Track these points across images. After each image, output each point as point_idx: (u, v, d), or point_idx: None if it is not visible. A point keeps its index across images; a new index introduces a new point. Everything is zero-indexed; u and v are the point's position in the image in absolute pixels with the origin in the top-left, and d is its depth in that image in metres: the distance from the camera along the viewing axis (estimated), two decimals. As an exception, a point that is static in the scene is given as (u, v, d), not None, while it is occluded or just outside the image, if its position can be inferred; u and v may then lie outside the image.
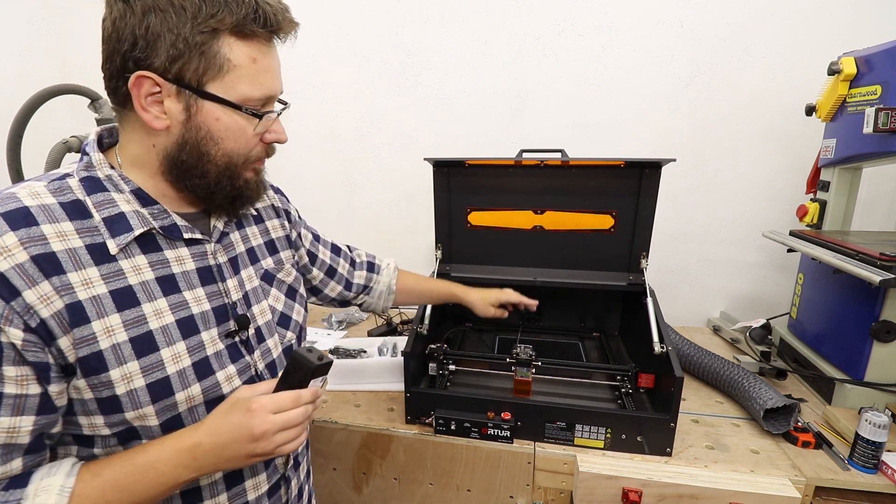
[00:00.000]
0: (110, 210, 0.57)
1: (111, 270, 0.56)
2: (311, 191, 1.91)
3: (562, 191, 1.34)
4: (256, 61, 0.58)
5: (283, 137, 0.65)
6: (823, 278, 1.27)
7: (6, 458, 0.52)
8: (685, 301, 1.73)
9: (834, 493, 0.95)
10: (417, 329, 1.16)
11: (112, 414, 0.57)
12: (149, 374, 0.57)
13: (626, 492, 0.94)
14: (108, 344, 0.55)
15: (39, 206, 0.53)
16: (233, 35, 0.56)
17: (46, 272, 0.51)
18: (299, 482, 0.80)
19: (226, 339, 0.65)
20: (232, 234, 0.72)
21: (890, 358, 1.08)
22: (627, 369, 1.20)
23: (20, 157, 1.29)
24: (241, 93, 0.58)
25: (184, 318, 0.61)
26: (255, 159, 0.65)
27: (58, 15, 1.91)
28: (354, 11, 1.71)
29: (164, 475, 0.55)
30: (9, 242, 0.50)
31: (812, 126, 1.39)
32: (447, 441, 1.07)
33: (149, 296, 0.58)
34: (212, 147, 0.60)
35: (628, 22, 1.56)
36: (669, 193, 1.52)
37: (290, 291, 0.80)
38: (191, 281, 0.63)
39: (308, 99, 1.82)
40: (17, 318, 0.49)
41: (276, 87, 0.62)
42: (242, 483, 0.68)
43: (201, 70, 0.56)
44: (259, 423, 0.55)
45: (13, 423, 0.51)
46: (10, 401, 0.51)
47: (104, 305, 0.55)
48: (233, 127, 0.59)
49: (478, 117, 1.72)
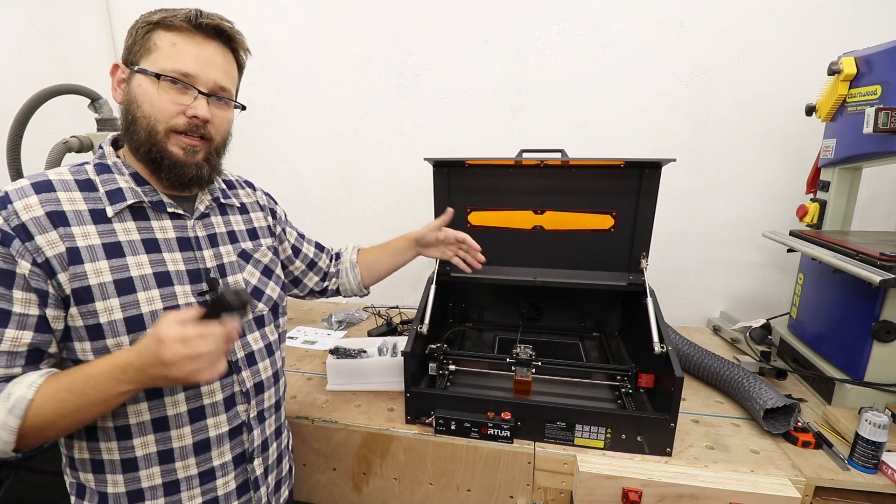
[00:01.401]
0: (111, 186, 0.75)
1: (106, 229, 0.73)
2: (311, 191, 1.91)
3: (562, 191, 1.34)
4: (175, 45, 0.74)
5: (199, 112, 0.75)
6: (823, 278, 1.27)
7: (10, 363, 0.68)
8: (685, 301, 1.73)
9: (834, 493, 0.95)
10: (417, 329, 1.16)
11: (96, 340, 0.71)
12: (126, 310, 0.72)
13: (626, 492, 0.94)
14: (96, 282, 0.70)
15: (59, 180, 0.73)
16: (162, 28, 0.74)
17: (55, 224, 0.69)
18: (264, 435, 0.89)
19: (198, 297, 0.79)
20: (214, 217, 0.87)
21: (890, 358, 1.08)
22: (627, 369, 1.20)
23: (20, 157, 1.29)
24: (160, 66, 0.73)
25: (160, 272, 0.76)
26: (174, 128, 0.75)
27: (58, 15, 1.91)
28: (354, 11, 1.71)
29: (102, 385, 0.66)
30: (32, 202, 0.69)
31: (812, 126, 1.39)
32: (447, 441, 1.07)
33: (133, 251, 0.74)
34: (136, 110, 0.74)
35: (628, 22, 1.56)
36: (669, 193, 1.52)
37: (266, 270, 0.94)
38: (171, 246, 0.78)
39: (308, 99, 1.82)
40: (28, 255, 0.67)
41: (191, 68, 0.75)
42: (204, 420, 0.80)
43: (139, 53, 0.74)
44: (167, 352, 0.63)
45: (16, 335, 0.68)
46: (16, 317, 0.67)
47: (96, 253, 0.71)
48: (150, 92, 0.74)
49: (478, 117, 1.72)
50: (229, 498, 0.84)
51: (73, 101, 1.41)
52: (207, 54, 0.76)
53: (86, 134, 1.36)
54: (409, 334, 1.16)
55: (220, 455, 0.82)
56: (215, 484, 0.82)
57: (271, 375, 0.91)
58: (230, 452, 0.83)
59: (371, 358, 1.31)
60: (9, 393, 0.66)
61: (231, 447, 0.84)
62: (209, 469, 0.81)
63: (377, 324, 1.68)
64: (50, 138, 1.31)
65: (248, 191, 0.99)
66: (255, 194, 1.00)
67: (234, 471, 0.84)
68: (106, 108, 1.41)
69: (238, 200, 0.94)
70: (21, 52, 1.89)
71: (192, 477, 0.79)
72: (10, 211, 0.67)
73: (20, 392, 0.65)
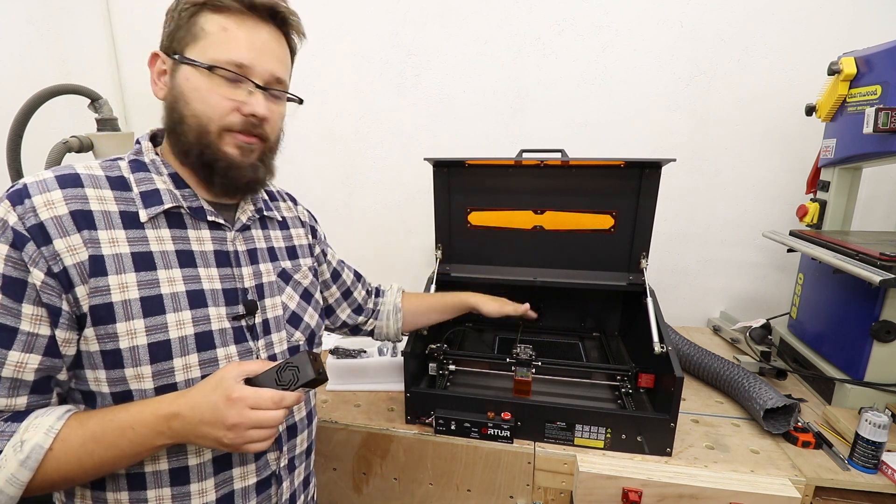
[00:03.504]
0: (147, 186, 0.66)
1: (137, 235, 0.62)
2: (311, 191, 1.90)
3: (562, 191, 1.34)
4: (227, 30, 0.64)
5: (258, 110, 0.66)
6: (823, 278, 1.27)
7: (12, 392, 0.57)
8: (685, 301, 1.73)
9: (834, 493, 0.95)
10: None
11: (113, 369, 0.60)
12: (152, 335, 0.61)
13: (626, 492, 0.94)
14: (120, 298, 0.59)
15: (88, 175, 0.62)
16: (209, 10, 0.64)
17: (80, 226, 0.58)
18: (293, 487, 0.80)
19: (233, 321, 0.69)
20: (255, 230, 0.77)
21: (890, 358, 1.08)
22: (627, 369, 1.20)
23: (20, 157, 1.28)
24: (210, 56, 0.63)
25: (194, 291, 0.65)
26: (228, 126, 0.66)
27: (58, 15, 1.91)
28: (354, 11, 1.71)
29: (140, 436, 0.57)
30: (54, 197, 0.58)
31: (812, 126, 1.39)
32: (447, 441, 1.07)
33: (166, 264, 0.64)
34: (184, 107, 0.65)
35: (628, 22, 1.56)
36: (669, 193, 1.52)
37: (306, 294, 0.83)
38: (207, 260, 0.68)
39: (308, 99, 1.80)
40: (43, 262, 0.56)
41: (246, 57, 0.65)
42: (230, 470, 0.69)
43: (185, 40, 0.64)
44: (234, 414, 0.57)
45: (21, 358, 0.56)
46: (23, 337, 0.56)
47: (123, 263, 0.60)
48: (200, 87, 0.64)
49: (478, 117, 1.72)
50: None
51: (73, 101, 1.41)
52: (262, 40, 0.66)
53: (86, 134, 1.36)
54: (409, 334, 1.16)
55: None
56: None
57: (305, 416, 0.82)
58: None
59: (371, 358, 1.31)
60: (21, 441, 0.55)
61: (257, 502, 0.73)
62: None
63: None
64: (50, 138, 1.30)
65: (289, 204, 0.90)
66: (296, 209, 0.91)
67: None
68: (106, 108, 1.41)
69: (279, 214, 0.84)
70: (21, 52, 1.88)
71: None
72: (27, 207, 0.56)
73: (36, 440, 0.55)
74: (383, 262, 1.93)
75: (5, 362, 0.56)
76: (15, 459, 0.54)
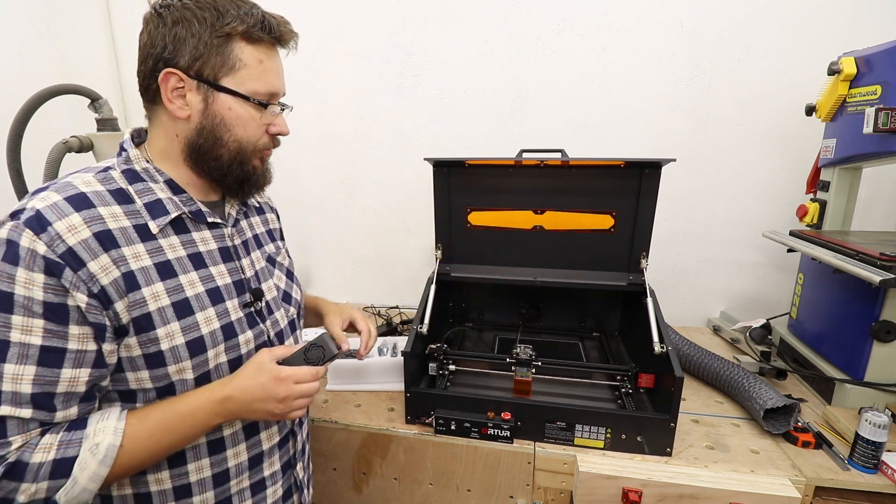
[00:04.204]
0: (149, 197, 0.69)
1: (154, 247, 0.67)
2: (311, 191, 1.91)
3: (562, 191, 1.34)
4: (262, 62, 0.70)
5: (285, 130, 0.76)
6: (823, 278, 1.27)
7: (66, 404, 0.62)
8: (685, 301, 1.73)
9: (834, 493, 0.95)
10: (417, 329, 1.16)
11: (156, 368, 0.67)
12: (188, 333, 0.68)
13: (626, 492, 0.94)
14: (155, 307, 0.65)
15: (93, 192, 0.64)
16: (243, 40, 0.68)
17: (105, 246, 0.62)
18: (303, 439, 0.93)
19: (244, 309, 0.77)
20: (243, 221, 0.84)
21: (890, 358, 1.08)
22: (627, 369, 1.20)
23: (20, 158, 1.28)
24: (250, 87, 0.70)
25: (211, 289, 0.72)
26: (262, 148, 0.76)
27: (58, 15, 1.91)
28: (354, 11, 1.71)
29: (200, 420, 0.67)
30: (75, 222, 0.60)
31: (812, 126, 1.39)
32: (447, 441, 1.07)
33: (183, 269, 0.70)
34: (224, 133, 0.71)
35: (628, 22, 1.56)
36: (669, 193, 1.52)
37: (289, 273, 0.93)
38: (214, 258, 0.75)
39: (308, 99, 1.82)
40: (83, 286, 0.59)
41: (279, 86, 0.74)
42: (258, 434, 0.80)
43: (217, 67, 0.68)
44: (284, 389, 0.69)
45: (74, 374, 0.61)
46: (73, 355, 0.61)
47: (150, 275, 0.66)
48: (243, 116, 0.70)
49: (478, 117, 1.72)
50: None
51: (73, 101, 1.41)
52: (281, 66, 0.74)
53: (86, 134, 1.36)
54: (409, 334, 1.16)
55: (271, 465, 0.83)
56: (265, 494, 0.82)
57: None
58: (279, 462, 0.84)
59: (371, 358, 1.31)
60: (96, 444, 0.62)
61: (280, 456, 0.85)
62: (260, 480, 0.81)
63: (377, 324, 1.68)
64: (50, 138, 1.30)
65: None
66: (264, 195, 0.98)
67: (281, 478, 0.85)
68: (106, 108, 1.41)
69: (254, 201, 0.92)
70: (21, 52, 1.89)
71: (244, 490, 0.79)
72: (53, 235, 0.58)
73: (109, 441, 0.62)
74: (383, 262, 1.93)
75: (59, 380, 0.61)
76: (94, 461, 0.61)
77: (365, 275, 1.97)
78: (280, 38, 0.72)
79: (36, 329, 0.59)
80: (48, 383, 0.60)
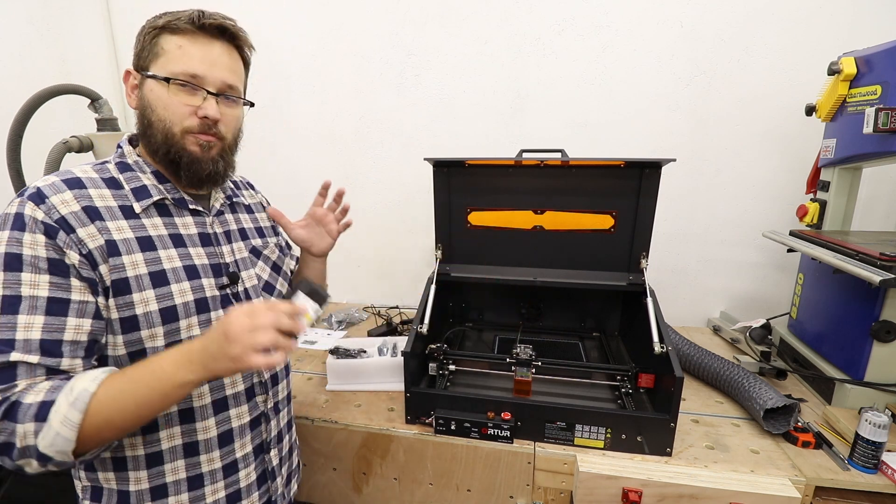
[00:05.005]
0: (136, 183, 0.78)
1: (136, 224, 0.75)
2: (311, 191, 1.88)
3: (562, 191, 1.34)
4: (182, 47, 0.76)
5: (209, 112, 0.78)
6: (823, 278, 1.27)
7: (73, 353, 0.68)
8: (685, 301, 1.73)
9: (834, 493, 0.95)
10: (417, 329, 1.16)
11: (130, 332, 0.73)
12: (161, 301, 0.75)
13: (626, 492, 0.94)
14: (133, 274, 0.73)
15: (87, 177, 0.75)
16: (167, 32, 0.76)
17: (92, 218, 0.71)
18: (279, 426, 0.94)
19: (220, 290, 0.83)
20: (227, 215, 0.91)
21: (890, 358, 1.08)
22: (627, 369, 1.20)
23: (20, 157, 1.29)
24: (169, 70, 0.76)
25: (188, 266, 0.79)
26: (190, 129, 0.78)
27: (58, 15, 1.91)
28: (354, 11, 1.71)
29: (166, 372, 0.68)
30: (67, 197, 0.71)
31: (812, 126, 1.39)
32: (447, 441, 1.07)
33: (163, 245, 0.77)
34: (151, 114, 0.77)
35: (628, 22, 1.56)
36: (669, 193, 1.52)
37: (275, 267, 0.98)
38: (194, 241, 0.82)
39: (308, 99, 1.82)
40: (75, 247, 0.69)
41: (198, 68, 0.77)
42: (227, 411, 0.83)
43: (148, 59, 0.77)
44: (232, 320, 0.66)
45: (78, 322, 0.68)
46: (76, 305, 0.68)
47: (132, 246, 0.73)
48: (162, 96, 0.76)
49: (478, 117, 1.72)
50: (250, 490, 0.87)
51: (73, 101, 1.41)
52: (213, 55, 0.78)
53: (86, 134, 1.36)
54: (409, 334, 1.16)
55: (243, 446, 0.85)
56: (238, 476, 0.85)
57: (283, 368, 0.96)
58: (251, 443, 0.87)
59: (371, 358, 1.31)
60: (71, 387, 0.65)
61: (251, 438, 0.87)
62: (232, 461, 0.84)
63: (377, 324, 1.68)
64: (50, 138, 1.30)
65: (251, 192, 1.03)
66: (257, 196, 1.05)
67: (254, 462, 0.87)
68: (106, 108, 1.41)
69: (245, 200, 0.98)
70: (21, 52, 1.89)
71: (216, 470, 0.82)
72: (50, 205, 0.69)
73: (83, 385, 0.65)
74: (383, 262, 1.94)
75: (65, 327, 0.68)
76: (66, 402, 0.63)
77: (365, 275, 1.97)
78: (203, 27, 0.76)
79: (42, 283, 0.67)
80: (56, 330, 0.67)
